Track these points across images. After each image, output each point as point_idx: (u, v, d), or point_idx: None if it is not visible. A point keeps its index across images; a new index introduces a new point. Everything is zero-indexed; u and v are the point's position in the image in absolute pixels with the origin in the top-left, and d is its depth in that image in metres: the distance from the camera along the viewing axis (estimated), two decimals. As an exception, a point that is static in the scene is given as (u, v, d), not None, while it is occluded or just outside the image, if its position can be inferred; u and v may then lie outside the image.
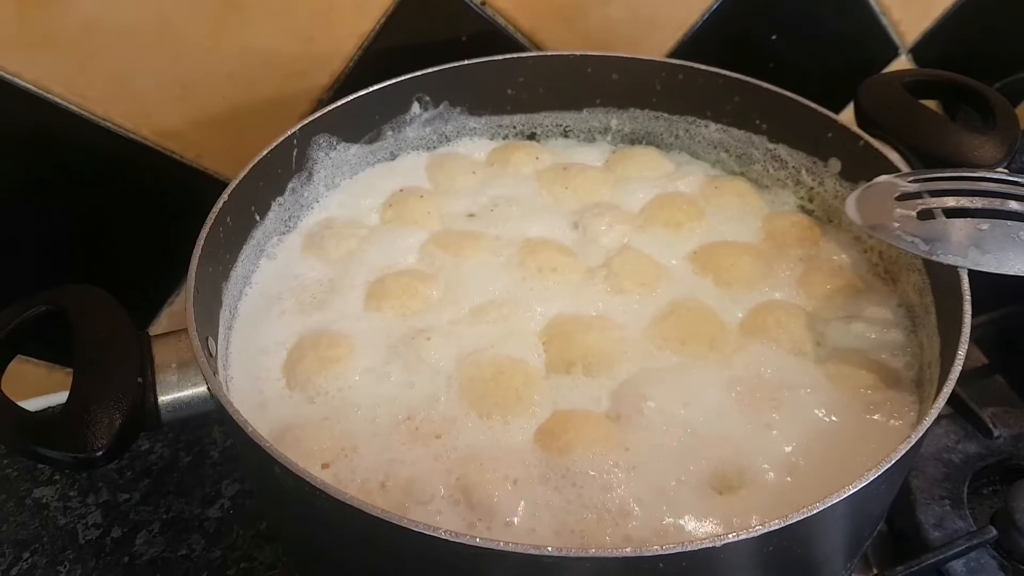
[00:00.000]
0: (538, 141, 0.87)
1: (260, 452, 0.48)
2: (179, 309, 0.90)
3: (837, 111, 0.77)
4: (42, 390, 0.89)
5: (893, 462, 0.48)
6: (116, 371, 0.54)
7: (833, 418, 0.60)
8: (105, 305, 0.58)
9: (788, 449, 0.58)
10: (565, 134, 0.87)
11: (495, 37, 0.85)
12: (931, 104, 0.78)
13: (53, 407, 0.90)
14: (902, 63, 1.05)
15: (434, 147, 0.85)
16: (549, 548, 0.43)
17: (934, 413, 0.50)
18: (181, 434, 0.87)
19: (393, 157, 0.83)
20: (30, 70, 0.71)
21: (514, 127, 0.86)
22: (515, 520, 0.54)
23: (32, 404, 0.85)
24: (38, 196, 0.79)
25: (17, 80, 0.71)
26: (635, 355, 0.64)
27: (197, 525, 0.80)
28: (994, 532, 0.70)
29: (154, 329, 0.90)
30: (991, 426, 0.78)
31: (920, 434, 0.49)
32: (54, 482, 0.84)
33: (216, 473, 0.84)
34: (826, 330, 0.66)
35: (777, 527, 0.44)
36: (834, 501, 0.46)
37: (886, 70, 1.05)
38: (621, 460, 0.57)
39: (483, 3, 0.83)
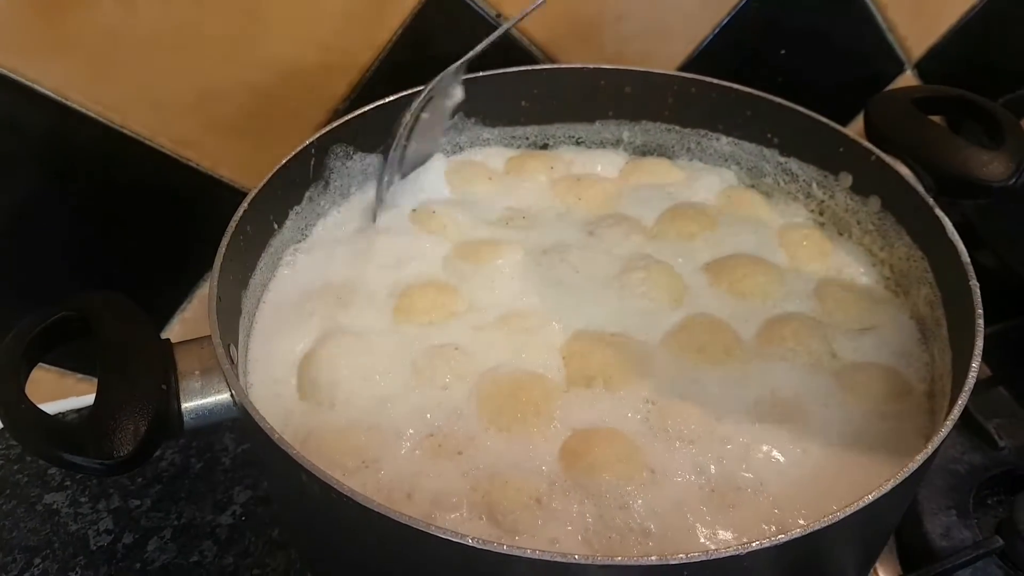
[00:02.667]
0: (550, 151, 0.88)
1: (286, 459, 0.49)
2: (192, 315, 0.90)
3: (844, 124, 0.78)
4: (55, 395, 0.89)
5: (910, 473, 0.48)
6: (140, 378, 0.54)
7: (849, 429, 0.61)
8: (128, 312, 0.59)
9: (806, 460, 0.59)
10: (578, 144, 0.88)
11: (510, 50, 0.86)
12: (936, 119, 0.79)
13: (64, 412, 0.90)
14: (908, 78, 1.06)
15: (448, 156, 0.85)
16: (576, 556, 0.44)
17: (949, 425, 0.51)
18: (193, 440, 0.87)
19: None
20: (50, 77, 0.72)
21: (527, 138, 0.87)
22: (537, 537, 0.54)
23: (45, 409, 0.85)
24: (54, 202, 0.79)
25: (37, 86, 0.72)
26: (654, 368, 0.64)
27: (209, 532, 0.80)
28: (1000, 542, 0.71)
29: (167, 335, 0.90)
30: (996, 437, 0.79)
31: (936, 445, 0.50)
32: (65, 488, 0.84)
33: (228, 479, 0.84)
34: (840, 342, 0.67)
35: (799, 535, 0.45)
36: (853, 510, 0.46)
37: (892, 85, 1.06)
38: (646, 480, 0.57)
39: (499, 16, 0.83)
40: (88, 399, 0.89)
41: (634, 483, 0.56)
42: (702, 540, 0.54)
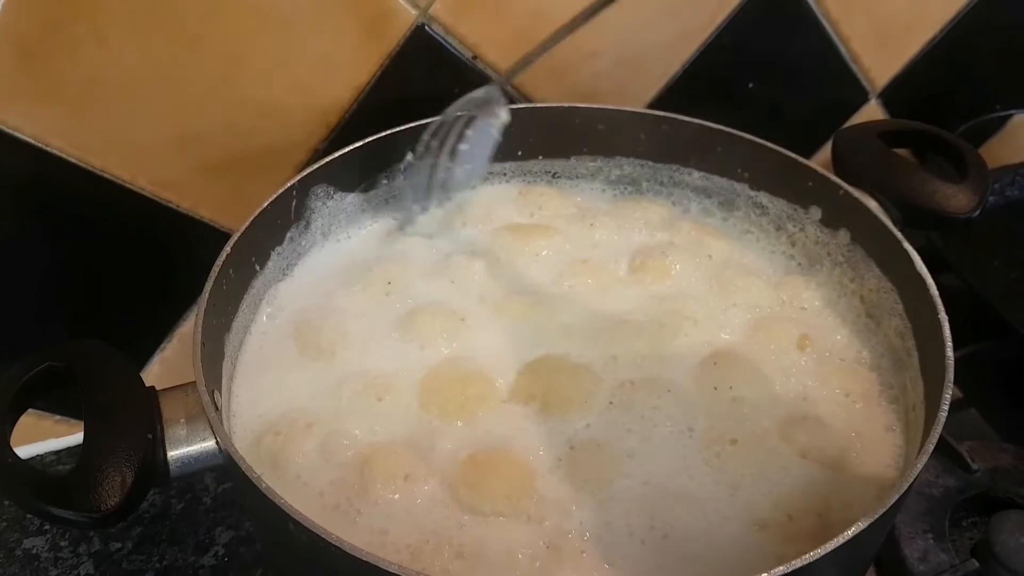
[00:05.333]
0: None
1: (273, 507, 0.49)
2: (171, 355, 0.90)
3: (812, 153, 0.79)
4: (33, 438, 0.88)
5: (888, 506, 0.50)
6: (126, 427, 0.54)
7: (821, 462, 0.62)
8: (112, 360, 0.58)
9: (775, 499, 0.60)
10: (555, 177, 0.89)
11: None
12: (901, 152, 0.82)
13: (43, 455, 0.89)
14: (872, 107, 1.09)
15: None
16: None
17: (923, 458, 0.52)
18: (173, 481, 0.87)
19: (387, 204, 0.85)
20: (30, 124, 0.72)
21: (504, 174, 0.88)
22: (381, 509, 0.58)
23: (21, 452, 0.84)
24: (34, 244, 0.79)
25: (17, 134, 0.71)
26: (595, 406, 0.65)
27: (192, 573, 0.80)
28: (976, 564, 0.72)
29: (147, 375, 0.90)
30: (969, 460, 0.81)
31: (913, 477, 0.51)
32: (44, 532, 0.83)
33: (209, 520, 0.84)
34: (811, 373, 0.68)
35: (782, 572, 0.46)
36: (834, 546, 0.47)
37: (857, 114, 1.09)
38: (512, 522, 0.58)
39: (474, 57, 0.85)
40: (66, 441, 0.89)
41: (501, 516, 0.58)
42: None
